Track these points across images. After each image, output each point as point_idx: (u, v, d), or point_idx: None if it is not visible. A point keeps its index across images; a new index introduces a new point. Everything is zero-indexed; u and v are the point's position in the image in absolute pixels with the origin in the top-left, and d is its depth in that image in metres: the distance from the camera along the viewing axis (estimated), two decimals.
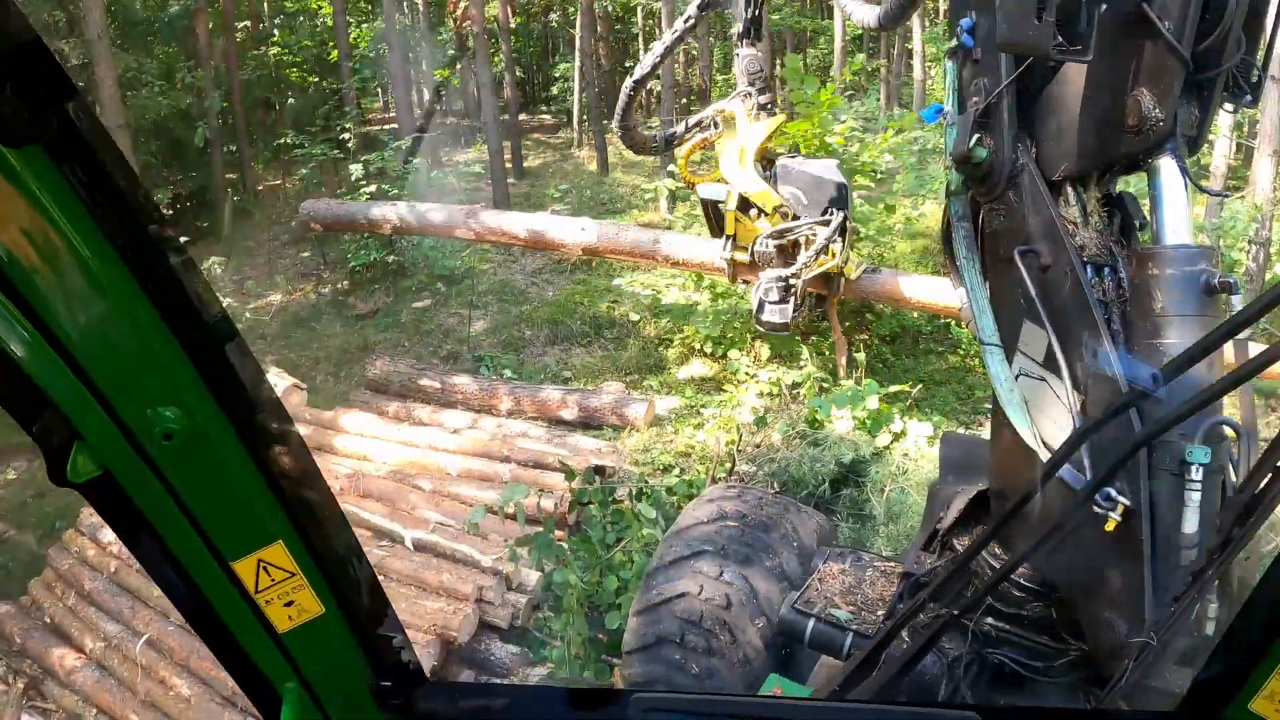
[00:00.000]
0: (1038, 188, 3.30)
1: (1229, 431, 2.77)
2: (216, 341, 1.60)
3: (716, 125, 8.08)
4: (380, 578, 7.78)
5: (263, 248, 21.11)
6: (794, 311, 8.51)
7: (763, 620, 5.13)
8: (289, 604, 1.91)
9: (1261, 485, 2.04)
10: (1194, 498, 2.75)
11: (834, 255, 8.53)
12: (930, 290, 10.96)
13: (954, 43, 3.54)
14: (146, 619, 8.42)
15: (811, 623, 4.25)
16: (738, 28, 7.80)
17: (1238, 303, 2.85)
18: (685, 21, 6.52)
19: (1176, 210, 3.09)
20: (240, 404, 1.67)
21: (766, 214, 8.31)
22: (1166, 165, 3.08)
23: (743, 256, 8.37)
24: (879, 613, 4.20)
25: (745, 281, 9.47)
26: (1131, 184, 3.74)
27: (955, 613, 2.99)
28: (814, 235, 8.15)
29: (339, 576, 1.97)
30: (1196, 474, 2.74)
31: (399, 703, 2.25)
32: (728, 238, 8.50)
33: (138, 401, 1.57)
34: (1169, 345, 2.93)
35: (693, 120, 7.87)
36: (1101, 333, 3.05)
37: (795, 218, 8.16)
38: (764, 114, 8.22)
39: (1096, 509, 2.87)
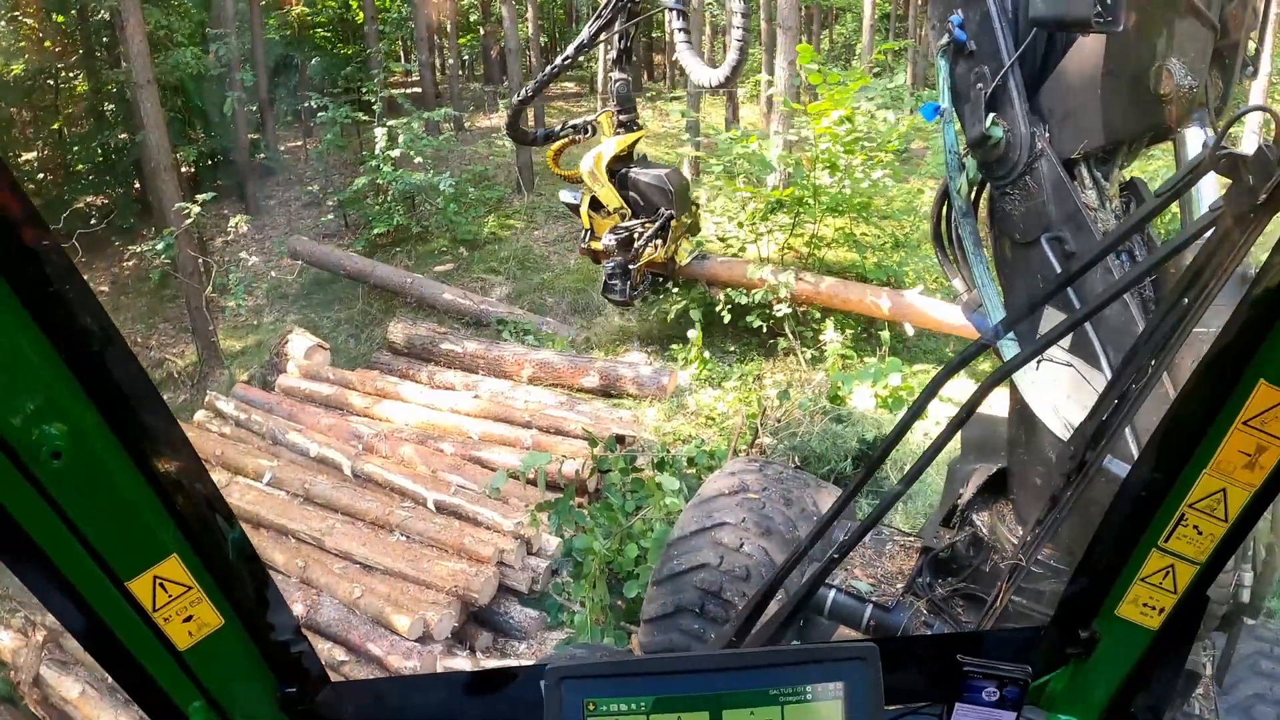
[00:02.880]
0: (1057, 172, 3.26)
1: None
2: (99, 352, 1.53)
3: (588, 131, 9.13)
4: (403, 538, 7.86)
5: (284, 208, 21.12)
6: (632, 290, 9.56)
7: (782, 592, 5.14)
8: (188, 619, 1.86)
9: (1110, 409, 2.17)
10: None
11: (657, 248, 9.53)
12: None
13: (945, 40, 3.51)
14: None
15: (832, 594, 4.27)
16: (611, 54, 8.76)
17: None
18: (575, 48, 7.47)
19: (1207, 182, 3.07)
20: (126, 414, 1.60)
21: (610, 212, 9.39)
22: (1194, 135, 3.06)
23: (598, 245, 9.51)
24: (898, 585, 4.22)
25: (597, 261, 10.27)
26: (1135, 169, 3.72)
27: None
28: (643, 231, 9.23)
29: (237, 585, 1.93)
30: None
31: (305, 708, 2.21)
32: (586, 230, 9.60)
33: (20, 420, 1.49)
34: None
35: (571, 123, 8.97)
36: (1134, 315, 3.05)
37: (635, 217, 9.31)
38: (623, 130, 9.23)
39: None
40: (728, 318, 13.22)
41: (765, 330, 13.13)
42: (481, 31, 38.53)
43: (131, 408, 1.60)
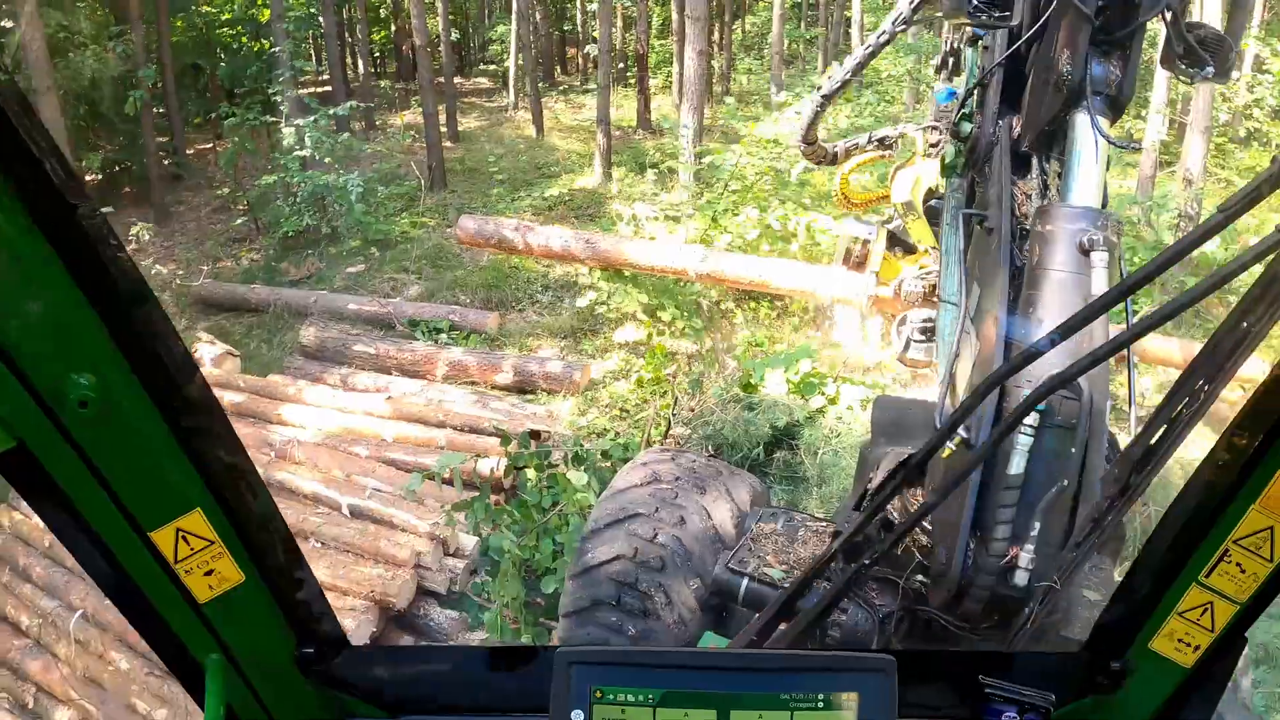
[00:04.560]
0: (1003, 158, 3.42)
1: (1074, 387, 2.89)
2: (131, 306, 1.56)
3: (896, 147, 7.93)
4: (318, 545, 7.76)
5: (194, 213, 20.83)
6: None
7: (697, 581, 5.19)
8: (209, 573, 1.89)
9: (1154, 439, 2.10)
10: (1022, 442, 2.91)
11: None
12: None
13: (969, 34, 3.70)
14: (83, 593, 8.31)
15: (745, 582, 4.33)
16: (935, 60, 7.55)
17: (1096, 260, 2.94)
18: (879, 37, 6.30)
19: (1085, 167, 3.18)
20: (156, 369, 1.63)
21: (915, 253, 8.31)
22: (1080, 122, 3.17)
23: (885, 292, 8.41)
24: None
25: (879, 314, 9.55)
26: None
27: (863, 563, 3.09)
28: None
29: (258, 543, 1.95)
30: (1029, 419, 2.89)
31: (321, 669, 2.24)
32: (873, 274, 8.41)
33: (52, 369, 1.52)
34: (1038, 298, 3.04)
35: (876, 134, 7.54)
36: (1000, 289, 3.16)
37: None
38: (934, 152, 7.99)
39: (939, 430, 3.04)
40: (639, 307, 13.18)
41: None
42: (393, 28, 38.23)
43: (161, 363, 1.63)
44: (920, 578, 3.68)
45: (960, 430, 3.04)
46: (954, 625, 3.35)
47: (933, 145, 7.83)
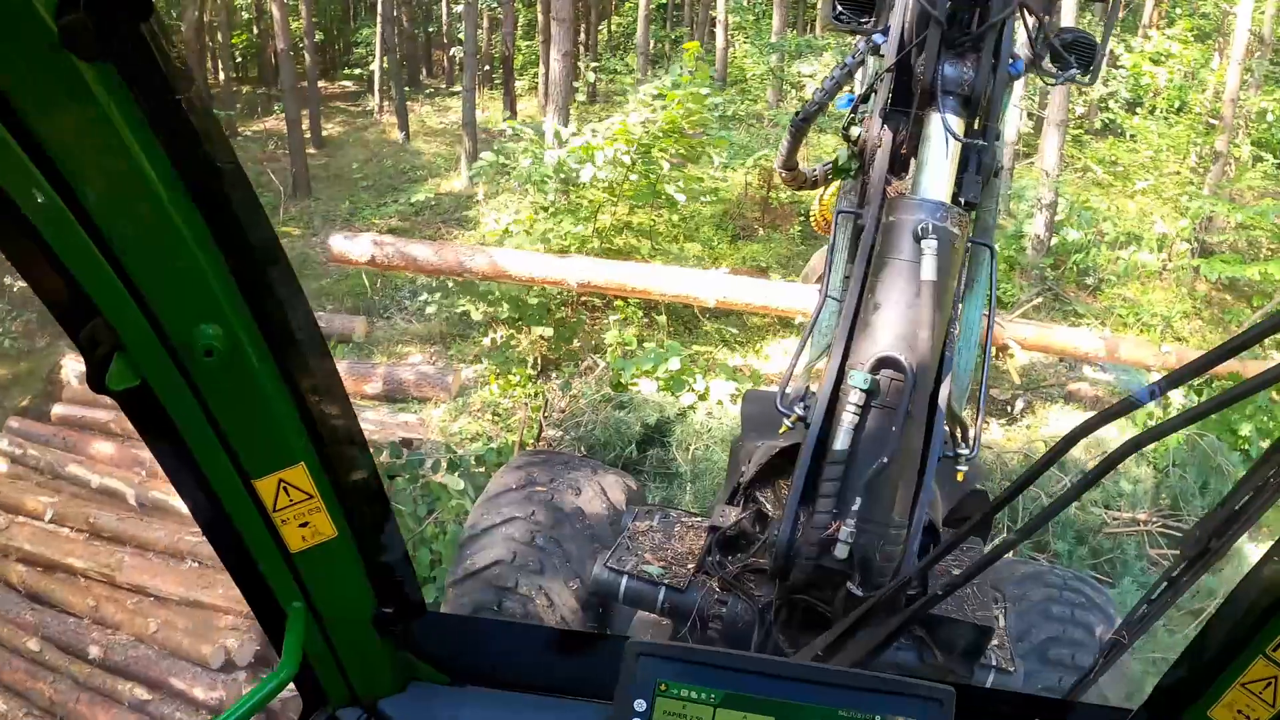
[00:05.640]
0: (881, 159, 3.56)
1: (897, 369, 3.02)
2: (264, 264, 1.64)
3: None
4: (195, 564, 7.62)
5: None
6: None
7: (577, 581, 5.25)
8: (304, 525, 1.96)
9: (1243, 500, 2.02)
10: (847, 419, 3.03)
11: None
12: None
13: (870, 41, 3.83)
14: None
15: (624, 580, 4.38)
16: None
17: (925, 248, 3.06)
18: (853, 57, 6.25)
19: (934, 163, 3.31)
20: (281, 326, 1.71)
21: None
22: (932, 120, 3.31)
23: None
24: (688, 566, 4.33)
25: None
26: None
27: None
28: None
29: (354, 502, 2.03)
30: (854, 397, 3.01)
31: (398, 630, 2.31)
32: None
33: (183, 316, 1.60)
34: (876, 284, 3.19)
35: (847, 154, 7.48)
36: (855, 278, 3.32)
37: None
38: None
39: (780, 413, 3.23)
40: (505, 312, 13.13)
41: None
42: (255, 30, 37.45)
43: (286, 321, 1.71)
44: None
45: (798, 409, 3.18)
46: (827, 611, 3.46)
47: None
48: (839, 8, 3.40)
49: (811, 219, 6.83)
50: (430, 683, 2.50)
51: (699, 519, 4.79)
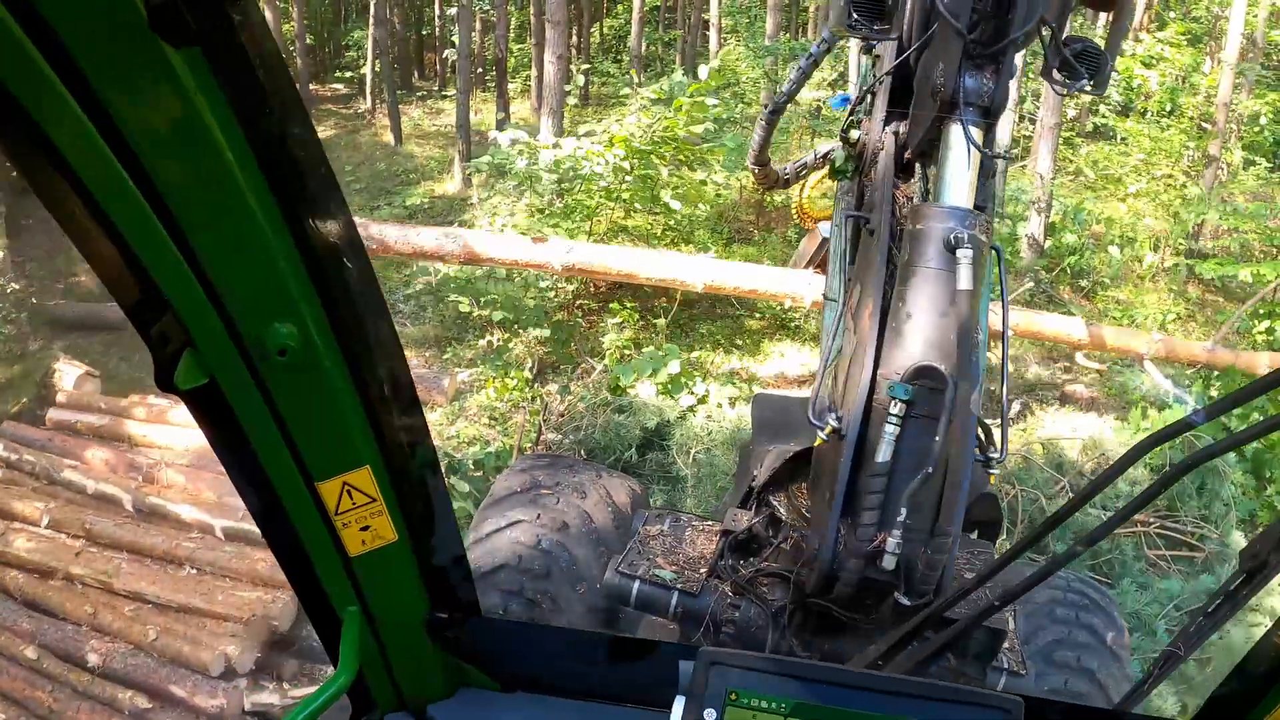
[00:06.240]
0: (887, 162, 3.55)
1: (936, 379, 3.00)
2: (344, 264, 1.62)
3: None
4: (193, 571, 7.59)
5: (45, 226, 20.10)
6: None
7: (584, 585, 5.24)
8: (365, 529, 1.94)
9: None
10: (889, 431, 3.00)
11: None
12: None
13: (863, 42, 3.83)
14: None
15: (637, 584, 4.36)
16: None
17: (961, 257, 3.07)
18: (820, 45, 6.21)
19: (956, 173, 3.29)
20: (355, 329, 1.69)
21: None
22: (954, 131, 3.30)
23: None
24: (700, 570, 4.32)
25: None
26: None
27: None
28: None
29: (416, 506, 2.00)
30: (895, 409, 2.98)
31: (451, 635, 2.29)
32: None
33: (258, 314, 1.58)
34: (907, 293, 3.18)
35: (821, 150, 7.45)
36: (876, 288, 3.30)
37: None
38: None
39: (813, 426, 3.16)
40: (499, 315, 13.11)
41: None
42: None
43: (360, 321, 1.69)
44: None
45: (831, 420, 3.17)
46: (845, 616, 3.45)
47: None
48: (854, 14, 3.37)
49: (794, 214, 6.77)
50: (480, 688, 2.48)
51: (710, 523, 4.78)
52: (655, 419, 10.62)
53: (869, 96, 3.78)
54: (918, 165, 3.55)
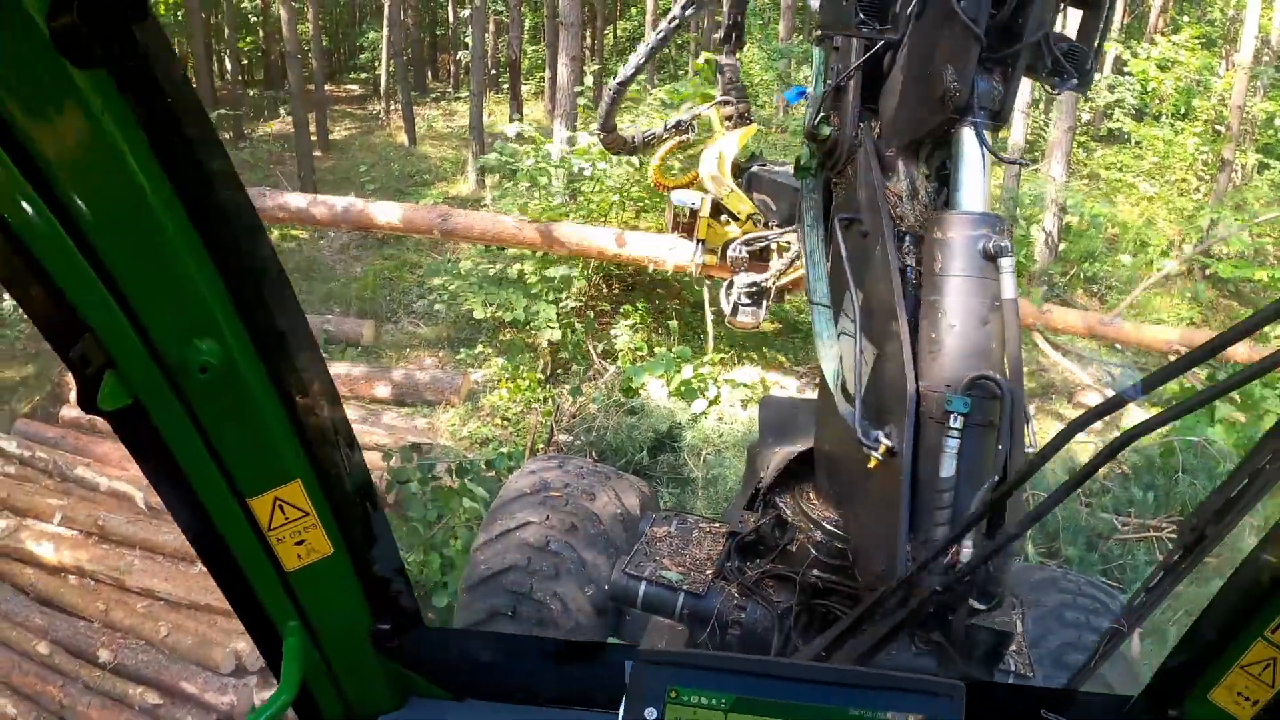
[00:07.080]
0: (870, 162, 3.50)
1: (992, 388, 3.00)
2: (261, 281, 1.62)
3: (693, 129, 7.74)
4: (204, 568, 7.61)
5: None
6: (764, 312, 8.61)
7: (592, 587, 5.24)
8: (299, 543, 1.93)
9: (1239, 487, 2.02)
10: (951, 444, 2.95)
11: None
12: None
13: (819, 32, 3.76)
14: None
15: (643, 586, 4.35)
16: (719, 34, 7.40)
17: (1005, 265, 3.06)
18: (670, 22, 6.31)
19: (972, 178, 3.27)
20: (276, 343, 1.68)
21: (738, 220, 8.17)
22: (967, 136, 3.26)
23: (713, 259, 8.44)
24: (707, 571, 4.31)
25: (710, 278, 9.56)
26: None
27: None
28: (786, 245, 7.83)
29: (351, 519, 1.99)
30: (955, 422, 2.94)
31: (394, 646, 2.27)
32: (699, 241, 8.33)
33: (177, 333, 1.57)
34: (944, 303, 3.15)
35: (671, 122, 7.59)
36: (895, 295, 3.27)
37: (766, 223, 7.90)
38: (742, 122, 7.90)
39: (864, 447, 3.09)
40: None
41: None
42: (260, 33, 37.43)
43: (281, 336, 1.69)
44: (819, 572, 3.76)
45: (884, 439, 3.13)
46: (918, 636, 3.42)
47: (727, 119, 8.12)
48: (861, 15, 3.35)
49: (650, 181, 6.92)
50: (431, 698, 2.46)
51: (717, 524, 4.77)
52: (667, 422, 10.62)
53: (837, 91, 3.70)
54: (900, 163, 3.53)
